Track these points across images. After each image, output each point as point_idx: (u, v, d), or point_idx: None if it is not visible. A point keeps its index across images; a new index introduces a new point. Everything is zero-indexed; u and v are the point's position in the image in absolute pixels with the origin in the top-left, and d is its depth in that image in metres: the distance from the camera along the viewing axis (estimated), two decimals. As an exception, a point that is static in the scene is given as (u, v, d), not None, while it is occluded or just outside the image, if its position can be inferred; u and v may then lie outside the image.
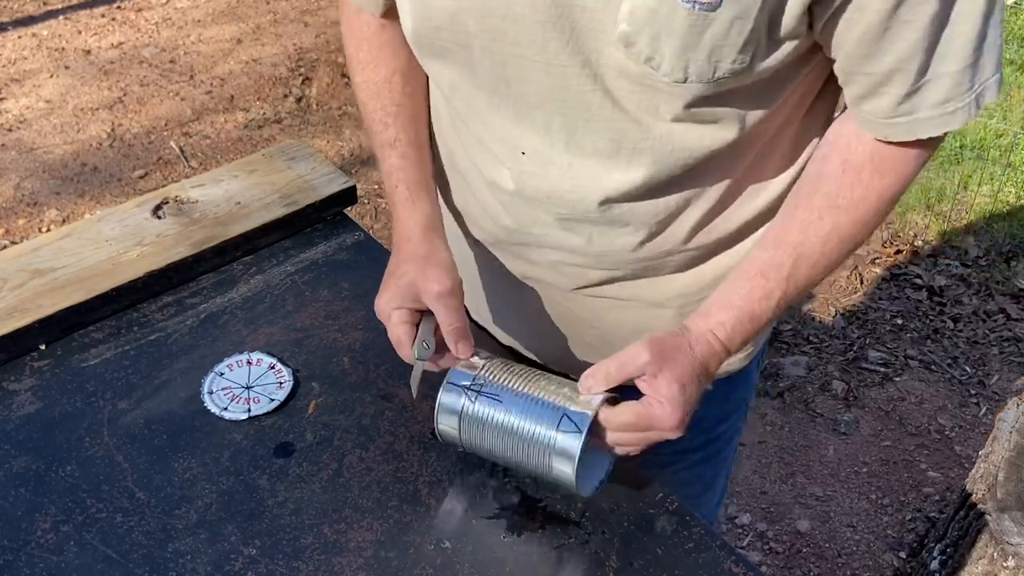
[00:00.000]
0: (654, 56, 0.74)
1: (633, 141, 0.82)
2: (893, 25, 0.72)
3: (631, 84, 0.77)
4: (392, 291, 0.93)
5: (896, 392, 2.48)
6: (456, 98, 0.90)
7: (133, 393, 1.01)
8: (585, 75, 0.78)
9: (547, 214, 0.92)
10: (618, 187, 0.86)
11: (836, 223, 0.85)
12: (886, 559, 2.09)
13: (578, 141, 0.84)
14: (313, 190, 1.25)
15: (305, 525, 0.89)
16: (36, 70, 3.71)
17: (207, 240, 1.17)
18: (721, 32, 0.71)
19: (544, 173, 0.88)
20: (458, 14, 0.80)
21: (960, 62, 0.75)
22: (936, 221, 3.02)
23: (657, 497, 0.92)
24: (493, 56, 0.81)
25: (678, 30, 0.71)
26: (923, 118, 0.78)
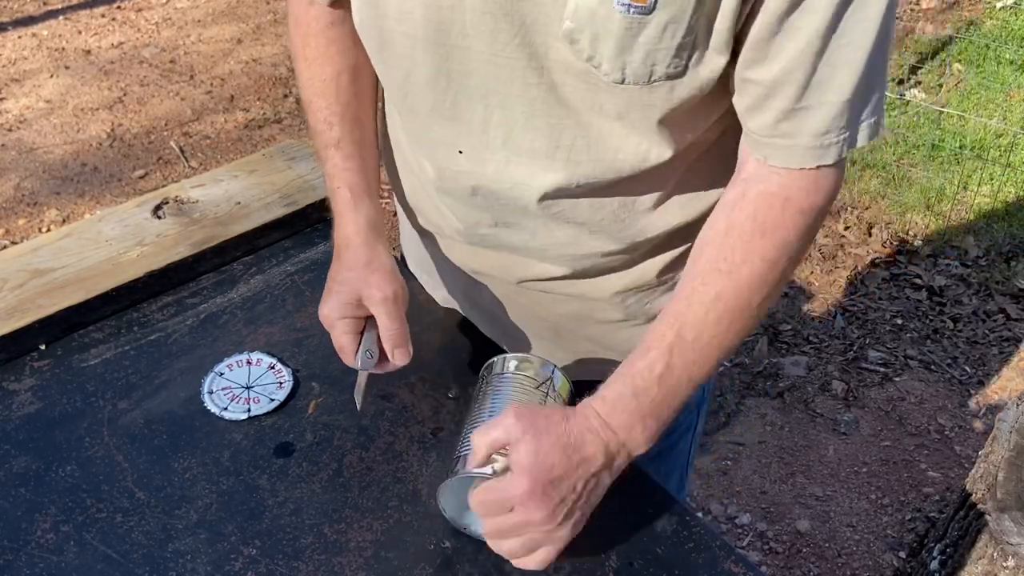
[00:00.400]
0: (594, 55, 0.75)
1: (571, 139, 0.83)
2: (783, 28, 0.73)
3: (575, 80, 0.78)
4: (335, 299, 0.93)
5: (896, 392, 2.49)
6: (399, 94, 0.90)
7: (133, 393, 1.01)
8: (531, 68, 0.79)
9: (486, 212, 0.93)
10: (554, 185, 0.87)
11: (719, 289, 0.81)
12: (886, 559, 2.09)
13: (516, 139, 0.85)
14: (313, 190, 1.25)
15: (305, 525, 0.89)
16: (36, 70, 3.71)
17: (207, 240, 1.17)
18: (655, 35, 0.73)
19: (481, 172, 0.88)
20: (404, 3, 0.79)
21: (843, 93, 0.75)
22: (936, 221, 3.02)
23: (657, 497, 0.92)
24: (437, 48, 0.81)
25: (614, 31, 0.73)
26: (801, 145, 0.78)
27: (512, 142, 0.85)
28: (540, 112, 0.82)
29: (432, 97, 0.85)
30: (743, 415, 2.41)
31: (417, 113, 0.88)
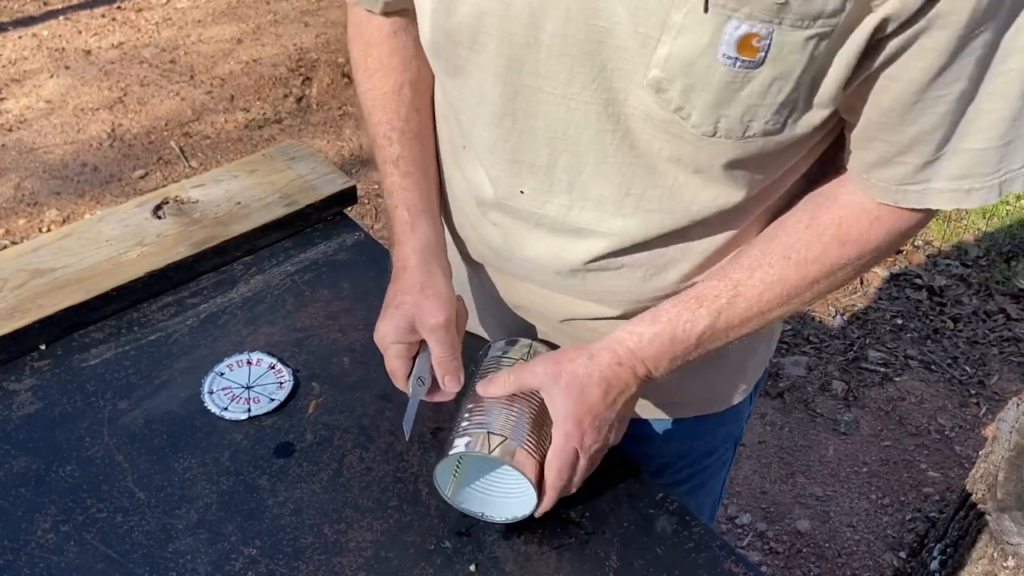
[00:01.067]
0: (684, 106, 0.71)
1: (642, 188, 0.80)
2: (925, 98, 0.69)
3: (654, 130, 0.74)
4: (389, 322, 0.91)
5: (896, 392, 2.49)
6: (466, 122, 0.86)
7: (133, 393, 1.01)
8: (607, 115, 0.75)
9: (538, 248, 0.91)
10: (618, 232, 0.84)
11: (783, 275, 0.83)
12: (886, 559, 2.09)
13: (583, 184, 0.81)
14: (313, 190, 1.25)
15: (305, 525, 0.89)
16: (36, 70, 3.71)
17: (207, 240, 1.17)
18: (759, 91, 0.69)
19: (543, 213, 0.86)
20: (479, 33, 0.76)
21: (985, 141, 0.72)
22: (936, 221, 3.02)
23: (657, 497, 0.92)
24: (505, 86, 0.78)
25: (714, 85, 0.68)
26: (936, 188, 0.75)
27: (579, 188, 0.82)
28: (612, 159, 0.78)
29: (496, 134, 0.82)
30: (743, 415, 2.41)
31: (480, 145, 0.85)
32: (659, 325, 0.84)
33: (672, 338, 0.84)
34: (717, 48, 0.66)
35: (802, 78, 0.68)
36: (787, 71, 0.67)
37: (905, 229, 0.81)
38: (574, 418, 0.83)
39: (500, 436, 0.83)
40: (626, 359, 0.84)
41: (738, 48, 0.66)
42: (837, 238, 0.81)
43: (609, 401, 0.84)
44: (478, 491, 0.90)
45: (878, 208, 0.79)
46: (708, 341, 0.85)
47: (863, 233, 0.81)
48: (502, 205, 0.88)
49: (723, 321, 0.84)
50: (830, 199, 0.82)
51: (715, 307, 0.83)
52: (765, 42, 0.65)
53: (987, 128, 0.71)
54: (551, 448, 0.84)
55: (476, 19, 0.75)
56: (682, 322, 0.84)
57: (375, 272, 1.18)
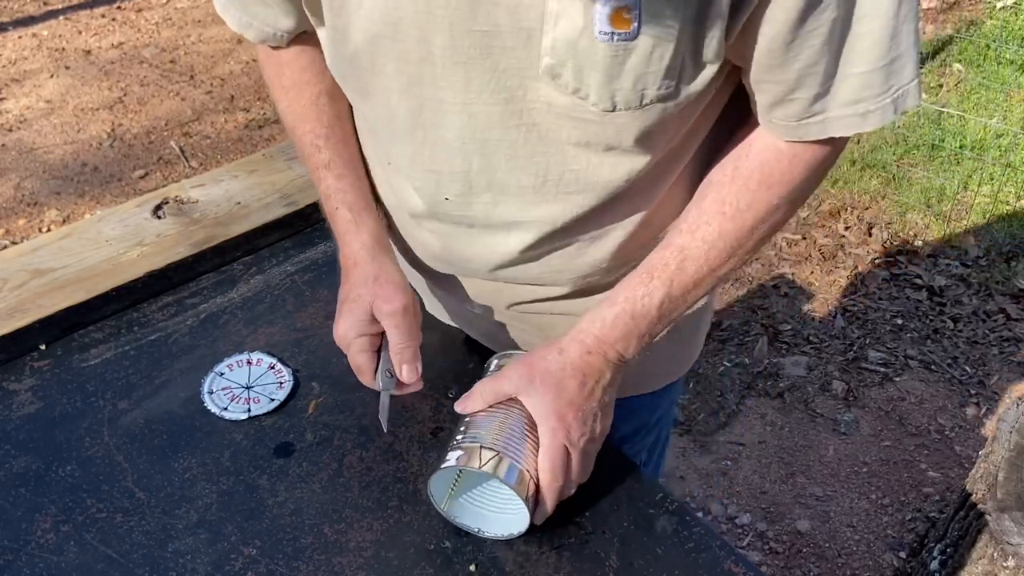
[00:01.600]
0: (580, 87, 0.73)
1: (558, 173, 0.82)
2: (800, 34, 0.72)
3: (559, 117, 0.77)
4: (349, 318, 0.91)
5: (896, 392, 2.49)
6: (384, 138, 0.89)
7: (133, 393, 1.01)
8: (509, 111, 0.78)
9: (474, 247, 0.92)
10: (544, 218, 0.86)
11: (722, 229, 0.85)
12: (886, 559, 2.09)
13: (500, 180, 0.84)
14: (313, 190, 1.25)
15: (305, 525, 0.89)
16: (36, 70, 3.71)
17: (207, 240, 1.17)
18: (643, 60, 0.71)
19: (471, 215, 0.88)
20: (376, 57, 0.78)
21: (869, 63, 0.74)
22: (936, 221, 3.02)
23: (657, 497, 0.92)
24: (410, 101, 0.80)
25: (600, 62, 0.71)
26: (834, 116, 0.78)
27: (496, 184, 0.84)
28: (522, 153, 0.81)
29: (412, 148, 0.85)
30: (743, 415, 2.41)
31: (400, 161, 0.88)
32: (618, 306, 0.87)
33: (633, 315, 0.86)
34: (593, 27, 0.69)
35: (680, 40, 0.71)
36: (664, 35, 0.70)
37: (823, 159, 0.84)
38: (556, 414, 0.84)
39: (492, 451, 0.83)
40: (595, 347, 0.86)
41: (612, 23, 0.69)
42: (763, 183, 0.84)
43: (587, 392, 0.86)
44: (474, 505, 0.89)
45: (792, 147, 0.82)
46: (668, 310, 0.87)
47: (785, 172, 0.84)
48: (433, 213, 0.90)
49: (677, 287, 0.86)
50: (746, 148, 0.85)
51: (667, 275, 0.86)
52: (635, 12, 0.68)
53: (867, 50, 0.74)
54: (540, 450, 0.84)
55: (370, 44, 0.78)
56: (639, 297, 0.86)
57: (375, 272, 1.18)
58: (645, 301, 0.86)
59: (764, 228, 0.86)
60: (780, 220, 0.87)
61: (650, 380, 1.13)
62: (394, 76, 0.79)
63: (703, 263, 0.86)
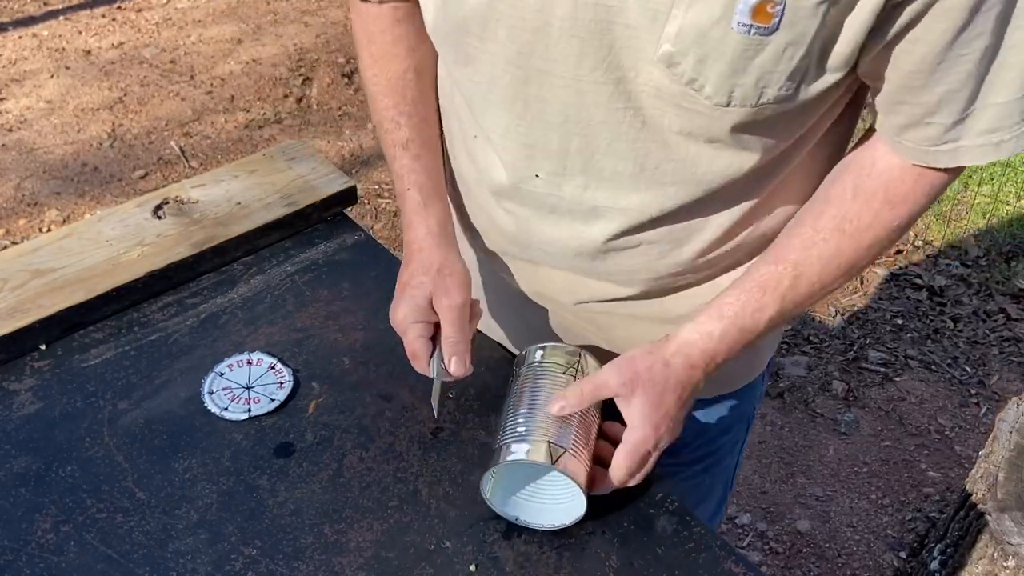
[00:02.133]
0: (697, 78, 0.71)
1: (656, 162, 0.80)
2: (948, 58, 0.70)
3: (666, 105, 0.75)
4: (408, 304, 0.90)
5: (896, 392, 2.49)
6: (478, 110, 0.86)
7: (133, 393, 1.01)
8: (618, 93, 0.76)
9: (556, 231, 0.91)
10: (635, 207, 0.85)
11: (840, 247, 0.84)
12: (886, 559, 2.09)
13: (597, 163, 0.82)
14: (313, 190, 1.25)
15: (305, 525, 0.89)
16: (36, 70, 3.71)
17: (207, 240, 1.17)
18: (772, 58, 0.69)
19: (559, 195, 0.86)
20: (490, 21, 0.76)
21: (1010, 93, 0.73)
22: (936, 221, 3.02)
23: (657, 497, 0.92)
24: (516, 71, 0.78)
25: (728, 54, 0.69)
26: (968, 146, 0.76)
27: (592, 167, 0.82)
28: (624, 137, 0.79)
29: (508, 120, 0.82)
30: (743, 415, 2.41)
31: (493, 131, 0.86)
32: (726, 320, 0.85)
33: (741, 329, 0.85)
34: (731, 17, 0.67)
35: (814, 42, 0.68)
36: (800, 36, 0.68)
37: (947, 181, 0.82)
38: (652, 424, 0.84)
39: (559, 447, 0.83)
40: (699, 361, 0.85)
41: (753, 15, 0.67)
42: (887, 201, 0.82)
43: (683, 403, 0.86)
44: (522, 498, 0.89)
45: (917, 167, 0.80)
46: (775, 326, 0.86)
47: (910, 192, 0.82)
48: (517, 190, 0.88)
49: (789, 304, 0.85)
50: (868, 165, 0.83)
51: (779, 293, 0.84)
52: (779, 7, 0.66)
53: (1011, 81, 0.72)
54: (624, 448, 0.84)
55: (487, 7, 0.76)
56: (750, 312, 0.85)
57: (375, 272, 1.18)
58: (756, 316, 0.85)
59: (878, 248, 0.85)
60: (893, 240, 0.85)
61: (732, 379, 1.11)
62: (505, 43, 0.77)
63: (816, 281, 0.85)
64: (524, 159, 0.85)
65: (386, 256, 1.21)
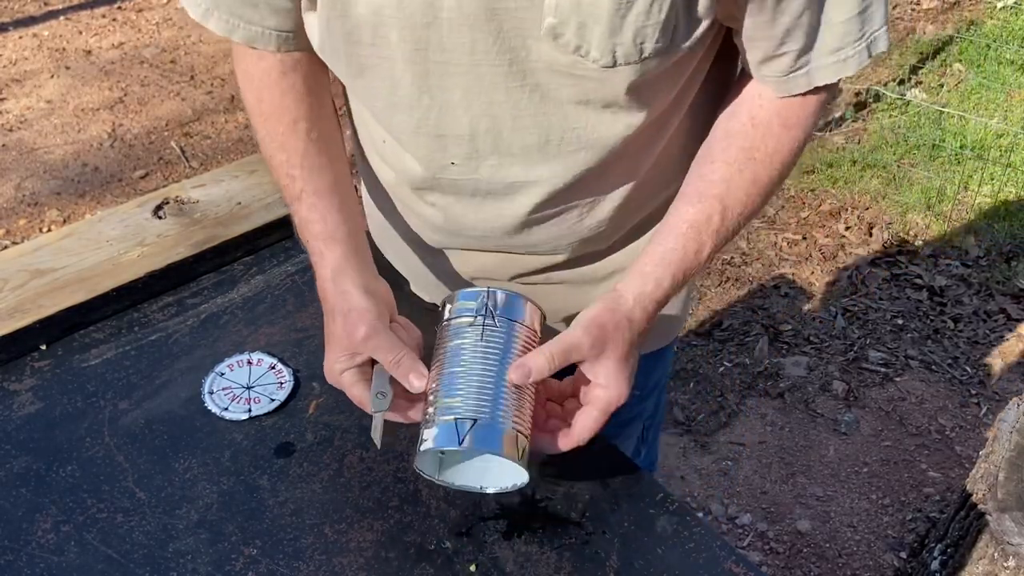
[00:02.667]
0: (582, 44, 0.76)
1: (560, 132, 0.85)
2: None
3: (560, 76, 0.80)
4: (332, 354, 0.88)
5: (896, 392, 2.48)
6: (383, 115, 0.90)
7: (134, 393, 1.01)
8: (512, 72, 0.80)
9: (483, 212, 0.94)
10: (548, 178, 0.89)
11: (755, 174, 0.89)
12: (886, 559, 2.09)
13: (506, 141, 0.86)
14: (313, 190, 1.25)
15: (306, 525, 0.89)
16: (37, 70, 3.71)
17: (207, 240, 1.17)
18: (643, 11, 0.74)
19: (477, 177, 0.90)
20: (379, 27, 0.80)
21: (849, 11, 0.79)
22: (936, 221, 3.02)
23: (657, 497, 0.92)
24: (415, 67, 0.82)
25: (603, 16, 0.74)
26: (817, 67, 0.83)
27: (502, 145, 0.87)
28: (526, 112, 0.84)
29: (417, 116, 0.86)
30: (743, 415, 2.41)
31: (402, 131, 0.89)
32: (673, 266, 0.88)
33: (685, 272, 0.89)
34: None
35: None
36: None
37: (826, 99, 0.90)
38: (625, 381, 0.85)
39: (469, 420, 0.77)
40: (654, 311, 0.89)
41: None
42: (783, 125, 0.89)
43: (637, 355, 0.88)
44: (471, 463, 0.85)
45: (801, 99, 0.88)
46: (709, 261, 0.91)
47: (800, 113, 0.89)
48: (437, 181, 0.92)
49: (721, 238, 0.90)
50: (757, 98, 0.89)
51: (712, 229, 0.89)
52: None
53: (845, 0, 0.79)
54: (596, 408, 0.83)
55: (373, 15, 0.79)
56: (692, 254, 0.89)
57: (375, 272, 1.18)
58: (698, 256, 0.89)
59: (787, 168, 0.91)
60: (796, 158, 0.92)
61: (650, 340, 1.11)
62: (398, 44, 0.80)
63: (741, 211, 0.90)
64: (437, 150, 0.88)
65: (386, 256, 1.20)
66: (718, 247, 0.90)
